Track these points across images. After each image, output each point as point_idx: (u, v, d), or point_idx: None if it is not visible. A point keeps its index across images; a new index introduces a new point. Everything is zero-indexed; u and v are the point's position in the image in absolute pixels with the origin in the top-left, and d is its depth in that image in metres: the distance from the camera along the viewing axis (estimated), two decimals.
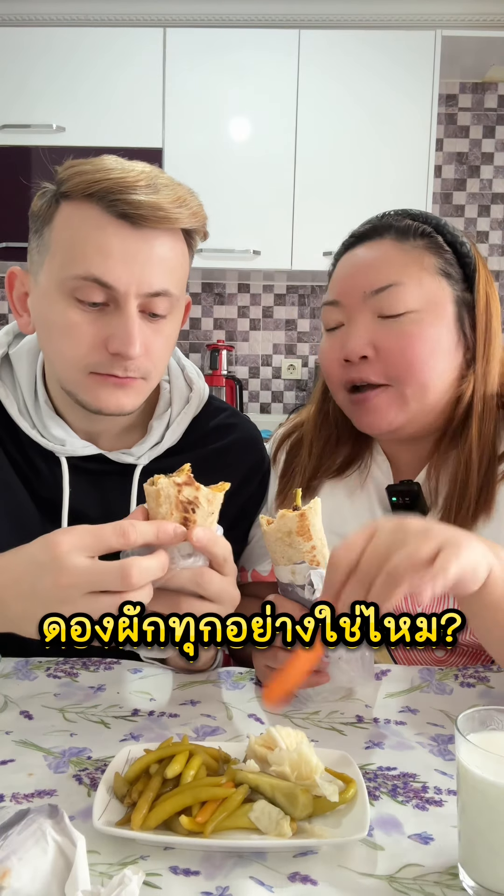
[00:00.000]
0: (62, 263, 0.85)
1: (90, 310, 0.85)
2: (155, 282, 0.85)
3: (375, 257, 0.94)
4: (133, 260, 0.83)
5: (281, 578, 0.80)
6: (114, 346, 0.85)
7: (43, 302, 0.88)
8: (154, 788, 0.59)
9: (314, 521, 0.77)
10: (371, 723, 0.78)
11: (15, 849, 0.50)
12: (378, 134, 2.99)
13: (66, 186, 0.85)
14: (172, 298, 0.88)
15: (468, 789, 0.53)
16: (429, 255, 0.94)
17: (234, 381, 3.35)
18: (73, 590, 0.65)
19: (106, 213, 0.83)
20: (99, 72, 2.98)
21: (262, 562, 1.08)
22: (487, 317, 0.95)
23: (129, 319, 0.84)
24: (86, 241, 0.83)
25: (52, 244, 0.86)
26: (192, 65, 2.98)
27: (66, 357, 0.88)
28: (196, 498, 0.70)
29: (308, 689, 0.80)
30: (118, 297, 0.84)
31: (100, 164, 0.85)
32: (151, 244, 0.84)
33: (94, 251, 0.83)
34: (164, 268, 0.86)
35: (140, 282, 0.84)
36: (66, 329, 0.86)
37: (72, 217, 0.85)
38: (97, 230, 0.83)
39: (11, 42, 2.97)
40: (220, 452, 1.05)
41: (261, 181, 3.03)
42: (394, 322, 0.92)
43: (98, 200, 0.83)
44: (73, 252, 0.84)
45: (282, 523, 0.77)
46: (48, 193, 0.88)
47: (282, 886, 0.53)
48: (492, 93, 3.40)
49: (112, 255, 0.83)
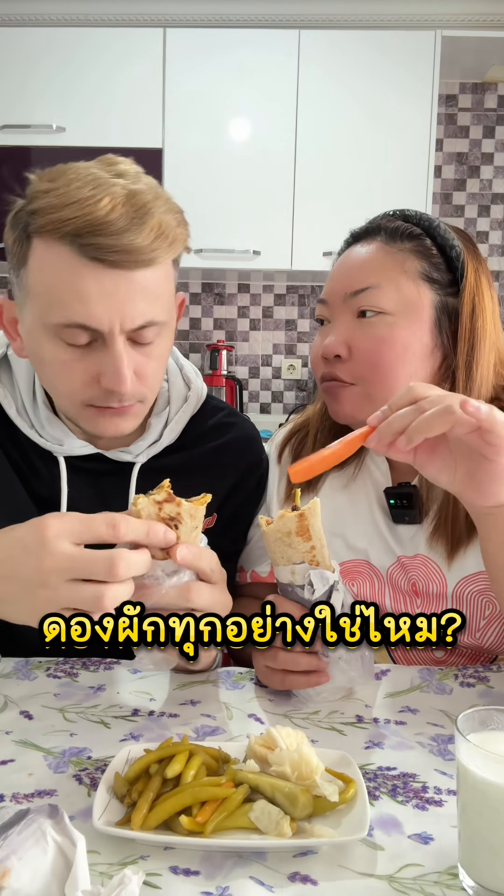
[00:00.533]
0: (42, 310, 0.82)
1: (78, 348, 0.83)
2: (138, 315, 0.82)
3: (361, 259, 0.97)
4: (113, 298, 0.80)
5: (280, 579, 0.80)
6: (105, 383, 0.83)
7: (31, 338, 0.87)
8: (154, 788, 0.59)
9: (313, 521, 0.77)
10: (371, 723, 0.78)
11: (15, 849, 0.50)
12: (378, 134, 2.99)
13: (34, 226, 0.80)
14: (160, 324, 0.85)
15: (468, 789, 0.53)
16: (413, 258, 0.94)
17: (234, 381, 3.35)
18: (55, 575, 0.64)
19: (79, 255, 0.79)
20: (99, 72, 2.98)
21: (261, 562, 1.08)
22: (472, 324, 0.94)
23: (116, 357, 0.82)
24: (62, 287, 0.80)
25: (30, 289, 0.83)
26: (192, 65, 2.98)
27: (61, 391, 0.87)
28: (178, 514, 0.70)
29: (308, 689, 0.80)
30: (104, 336, 0.82)
31: (67, 193, 0.78)
32: (130, 279, 0.80)
33: (73, 297, 0.80)
34: (148, 299, 0.82)
35: (123, 319, 0.81)
36: (56, 366, 0.85)
37: (44, 259, 0.81)
38: (71, 274, 0.79)
39: (11, 42, 2.97)
40: (218, 451, 1.05)
41: (261, 181, 3.03)
42: (368, 324, 0.93)
43: (70, 242, 0.78)
44: (51, 299, 0.81)
45: (281, 524, 0.77)
46: (19, 223, 0.83)
47: (282, 886, 0.53)
48: (492, 93, 3.40)
49: (90, 299, 0.79)
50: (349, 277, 0.96)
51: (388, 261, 0.94)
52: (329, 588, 0.77)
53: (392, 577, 0.99)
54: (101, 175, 0.80)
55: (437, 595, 0.97)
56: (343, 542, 1.02)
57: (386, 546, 1.00)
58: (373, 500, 1.03)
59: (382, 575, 1.00)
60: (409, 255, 0.94)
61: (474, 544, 0.94)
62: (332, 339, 0.95)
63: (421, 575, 0.97)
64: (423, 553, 0.97)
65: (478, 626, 0.96)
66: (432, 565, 0.97)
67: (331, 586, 0.77)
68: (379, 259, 0.95)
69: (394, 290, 0.93)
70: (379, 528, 1.01)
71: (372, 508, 1.02)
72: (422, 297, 0.93)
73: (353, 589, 1.01)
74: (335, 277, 0.99)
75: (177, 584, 0.71)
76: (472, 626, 0.96)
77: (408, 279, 0.93)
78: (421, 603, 0.98)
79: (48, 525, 0.65)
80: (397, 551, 0.99)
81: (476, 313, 0.94)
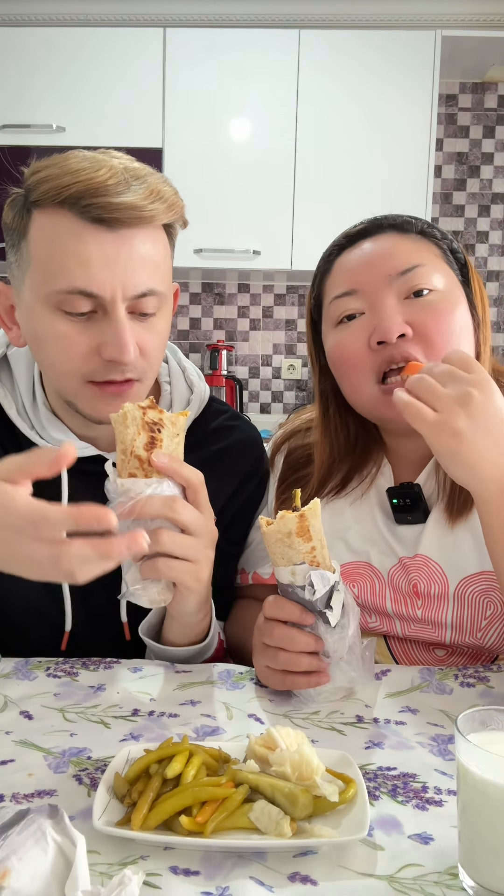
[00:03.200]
0: (44, 278, 0.82)
1: (79, 319, 0.84)
2: (140, 283, 0.83)
3: (389, 246, 0.95)
4: (114, 264, 0.81)
5: (281, 579, 0.80)
6: (107, 354, 0.83)
7: (30, 316, 0.87)
8: (154, 788, 0.59)
9: (313, 522, 0.77)
10: (371, 723, 0.78)
11: (15, 849, 0.50)
12: (378, 134, 2.99)
13: (35, 195, 0.82)
14: (160, 295, 0.86)
15: (468, 789, 0.53)
16: (432, 245, 0.96)
17: (234, 381, 3.35)
18: None
19: (80, 219, 0.80)
20: (99, 72, 2.98)
21: (262, 564, 1.08)
22: (483, 307, 0.97)
23: (119, 325, 0.83)
24: (64, 253, 0.81)
25: (31, 259, 0.84)
26: (192, 65, 2.98)
27: (61, 369, 0.87)
28: (160, 419, 0.74)
29: (309, 690, 0.80)
30: (105, 304, 0.82)
31: (66, 165, 0.82)
32: (131, 244, 0.82)
33: (74, 263, 0.80)
34: (148, 267, 0.84)
35: (125, 285, 0.82)
36: (56, 341, 0.84)
37: (45, 227, 0.82)
38: (74, 239, 0.81)
39: (11, 42, 2.97)
40: (220, 454, 1.04)
41: (261, 181, 3.03)
42: (423, 302, 0.91)
43: (70, 207, 0.80)
44: (53, 266, 0.82)
45: (281, 524, 0.77)
46: (18, 202, 0.85)
47: (282, 886, 0.53)
48: (492, 93, 3.40)
49: (92, 263, 0.80)
50: (388, 261, 0.93)
51: (420, 245, 0.95)
52: (329, 589, 0.77)
53: (393, 579, 0.99)
54: (98, 155, 0.84)
55: (438, 596, 0.97)
56: (344, 544, 1.02)
57: (387, 547, 1.00)
58: (374, 500, 1.02)
59: (383, 576, 1.00)
60: (429, 242, 0.96)
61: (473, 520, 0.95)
62: (393, 319, 0.90)
63: (423, 576, 0.97)
64: (422, 553, 0.97)
65: (479, 626, 0.96)
66: (433, 565, 0.97)
67: (331, 587, 0.77)
68: (410, 243, 0.95)
69: (434, 269, 0.93)
70: (380, 529, 1.01)
71: (373, 509, 1.02)
72: (454, 279, 0.95)
73: (353, 591, 1.00)
74: (366, 266, 0.94)
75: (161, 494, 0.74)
76: (473, 627, 0.96)
77: (440, 262, 0.95)
78: (422, 604, 0.97)
79: None
80: (399, 552, 0.99)
81: (483, 296, 0.98)
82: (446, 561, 0.96)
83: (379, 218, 0.99)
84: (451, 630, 0.97)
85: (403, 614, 0.99)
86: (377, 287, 0.92)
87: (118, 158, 0.84)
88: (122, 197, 0.80)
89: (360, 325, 0.93)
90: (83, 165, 0.81)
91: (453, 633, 0.97)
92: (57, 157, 0.84)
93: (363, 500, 1.03)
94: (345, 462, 1.03)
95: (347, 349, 0.94)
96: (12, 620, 0.98)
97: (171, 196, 0.85)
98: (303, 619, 0.78)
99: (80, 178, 0.80)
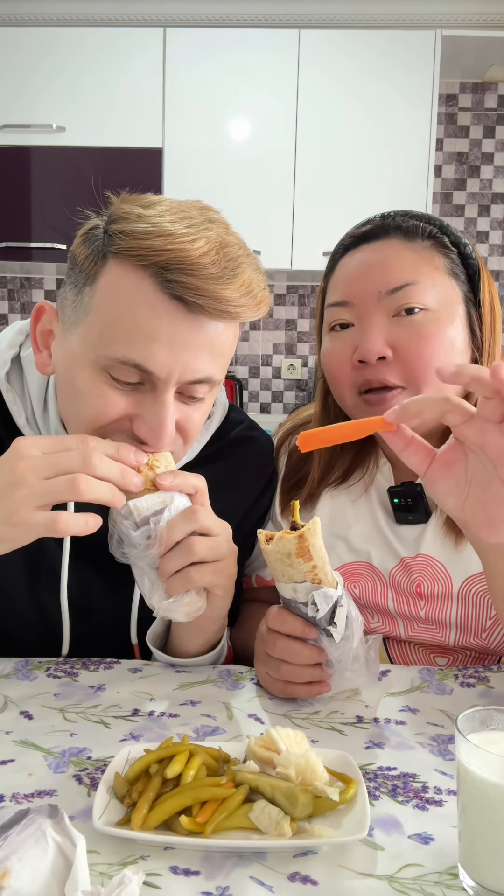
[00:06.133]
0: (100, 338, 0.75)
1: (123, 387, 0.76)
2: (199, 370, 0.76)
3: (387, 257, 0.93)
4: (181, 347, 0.74)
5: (283, 593, 0.79)
6: (141, 432, 0.77)
7: (71, 363, 0.79)
8: (154, 788, 0.59)
9: (314, 541, 0.75)
10: (371, 723, 0.78)
11: (15, 849, 0.50)
12: (378, 134, 2.99)
13: (118, 246, 0.74)
14: (214, 384, 0.80)
15: (468, 789, 0.53)
16: (437, 255, 0.93)
17: (234, 381, 3.35)
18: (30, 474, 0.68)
19: (160, 291, 0.72)
20: (99, 72, 2.98)
21: (264, 567, 1.08)
22: (492, 317, 0.95)
23: (163, 408, 0.76)
24: (131, 323, 0.73)
25: (91, 310, 0.76)
26: (192, 65, 2.98)
27: (86, 423, 0.79)
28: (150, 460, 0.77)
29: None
30: (156, 382, 0.75)
31: (160, 224, 0.73)
32: (203, 330, 0.75)
33: (139, 336, 0.73)
34: (213, 355, 0.77)
35: (184, 370, 0.75)
36: (92, 398, 0.77)
37: (119, 286, 0.74)
38: (147, 311, 0.73)
39: (11, 42, 2.97)
40: (239, 467, 1.03)
41: (261, 181, 3.03)
42: (409, 322, 0.90)
43: (153, 274, 0.72)
44: (116, 331, 0.74)
45: (280, 545, 0.75)
46: (96, 241, 0.76)
47: (282, 886, 0.53)
48: (492, 93, 3.40)
49: (158, 340, 0.73)
50: (381, 276, 0.91)
51: (419, 257, 0.92)
52: (332, 605, 0.76)
53: (395, 580, 0.99)
54: (195, 216, 0.76)
55: (442, 596, 0.96)
56: (344, 544, 1.02)
57: (388, 547, 0.99)
58: (375, 500, 1.02)
59: (385, 577, 0.99)
60: (434, 252, 0.93)
61: None
62: (374, 341, 0.89)
63: (426, 576, 0.97)
64: (424, 553, 0.97)
65: (483, 626, 0.95)
66: (436, 565, 0.96)
67: (335, 603, 0.76)
68: (410, 256, 0.92)
69: (431, 285, 0.91)
70: (381, 529, 1.00)
71: (374, 509, 1.01)
72: (455, 293, 0.93)
73: (354, 591, 1.00)
74: (360, 278, 0.93)
75: (175, 510, 0.76)
76: (478, 627, 0.96)
77: (440, 275, 0.92)
78: (425, 605, 0.97)
79: (18, 439, 0.70)
80: (400, 552, 0.98)
81: (494, 306, 0.96)
82: (449, 560, 0.96)
83: (388, 217, 0.97)
84: (456, 630, 0.96)
85: (406, 614, 0.98)
86: (367, 302, 0.92)
87: (215, 225, 0.76)
88: (213, 284, 0.72)
89: (349, 337, 0.94)
90: (178, 230, 0.72)
91: (458, 632, 0.97)
92: (150, 204, 0.76)
93: (364, 499, 1.02)
94: (346, 453, 1.03)
95: (333, 360, 0.96)
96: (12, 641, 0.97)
97: (261, 293, 0.78)
98: (306, 634, 0.78)
99: (172, 245, 0.71)
